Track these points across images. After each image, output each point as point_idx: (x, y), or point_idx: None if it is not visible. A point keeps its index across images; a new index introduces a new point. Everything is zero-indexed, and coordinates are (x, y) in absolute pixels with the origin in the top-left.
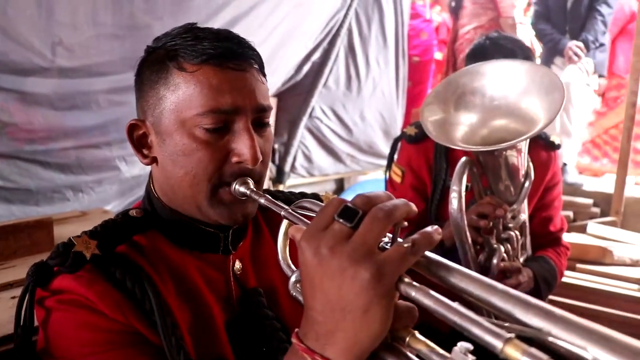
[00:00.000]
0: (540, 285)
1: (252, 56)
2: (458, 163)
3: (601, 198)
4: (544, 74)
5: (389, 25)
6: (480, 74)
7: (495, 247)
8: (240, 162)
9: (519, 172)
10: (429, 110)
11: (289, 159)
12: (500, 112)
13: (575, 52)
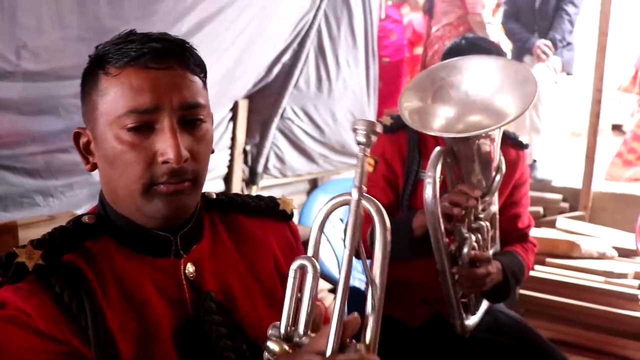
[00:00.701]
0: (509, 278)
1: (180, 55)
2: (433, 152)
3: (570, 193)
4: (517, 69)
5: (358, 26)
6: (457, 69)
7: (467, 236)
8: (166, 162)
9: (491, 164)
10: (407, 98)
11: (262, 160)
12: (475, 107)
13: (543, 51)
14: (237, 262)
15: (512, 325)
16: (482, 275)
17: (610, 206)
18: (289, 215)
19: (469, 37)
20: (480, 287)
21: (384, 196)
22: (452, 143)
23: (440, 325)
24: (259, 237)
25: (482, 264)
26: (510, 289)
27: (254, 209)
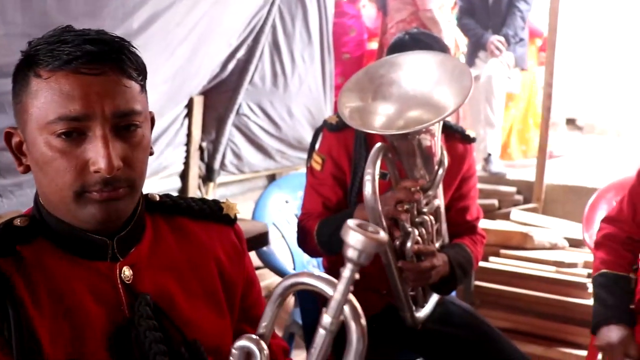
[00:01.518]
0: (456, 270)
1: (115, 59)
2: (372, 149)
3: (524, 186)
4: (455, 65)
5: (312, 22)
6: (397, 65)
7: (410, 231)
8: (98, 171)
9: (433, 159)
10: (346, 97)
11: (218, 156)
12: (415, 102)
13: (496, 47)
14: (179, 265)
15: (463, 316)
16: (426, 268)
17: (561, 198)
18: (232, 220)
19: (412, 32)
20: (426, 280)
21: (333, 194)
22: (393, 139)
23: (392, 317)
24: (203, 240)
25: (426, 257)
26: (458, 281)
27: (197, 212)
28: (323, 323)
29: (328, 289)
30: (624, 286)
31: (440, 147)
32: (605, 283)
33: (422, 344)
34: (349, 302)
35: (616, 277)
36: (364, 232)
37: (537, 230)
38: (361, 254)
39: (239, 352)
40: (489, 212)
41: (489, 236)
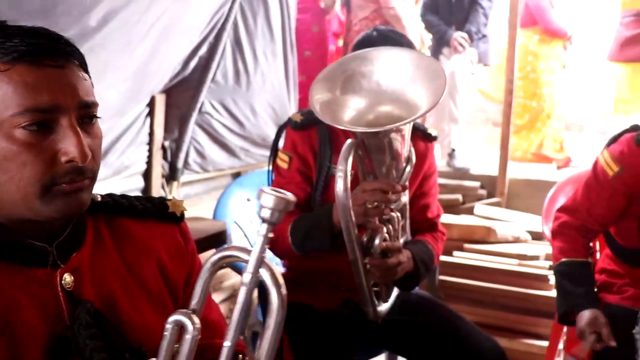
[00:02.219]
0: (419, 266)
1: (71, 52)
2: (344, 145)
3: (487, 181)
4: (429, 63)
5: (274, 19)
6: (369, 60)
7: (378, 228)
8: (70, 161)
9: (401, 156)
10: (317, 91)
11: (181, 155)
12: (386, 98)
13: (460, 43)
14: (121, 269)
15: (421, 303)
16: (393, 265)
17: (524, 192)
18: (178, 218)
19: (380, 29)
20: (392, 277)
21: (301, 191)
22: (362, 135)
23: (351, 311)
24: (145, 241)
25: (393, 253)
26: (421, 277)
27: (141, 211)
28: (243, 280)
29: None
30: (586, 271)
31: (408, 144)
32: (567, 271)
33: (383, 335)
34: (269, 271)
35: (576, 263)
36: (274, 193)
37: (500, 224)
38: (273, 213)
39: (172, 325)
40: (453, 207)
41: (453, 231)
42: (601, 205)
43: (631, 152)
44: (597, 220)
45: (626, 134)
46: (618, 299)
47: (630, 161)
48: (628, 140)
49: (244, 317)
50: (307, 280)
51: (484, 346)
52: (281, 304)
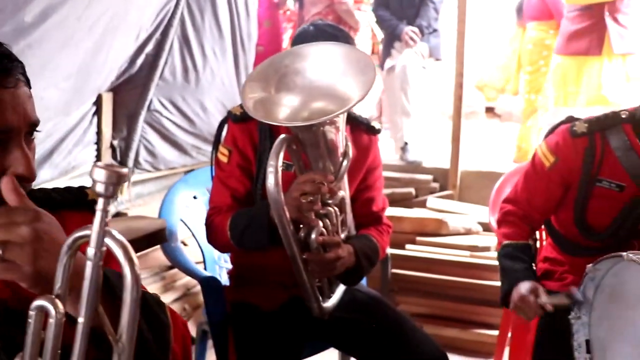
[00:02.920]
0: (362, 260)
1: (19, 69)
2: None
3: (439, 173)
4: (359, 57)
5: (223, 16)
6: (302, 56)
7: (314, 223)
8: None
9: (337, 150)
10: (250, 88)
11: (131, 154)
12: (320, 93)
13: (410, 37)
14: None
15: (368, 302)
16: (331, 259)
17: (476, 184)
18: None
19: (317, 24)
20: (332, 271)
21: (241, 185)
22: (297, 130)
23: (297, 308)
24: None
25: (331, 248)
26: (364, 271)
27: (59, 203)
28: (87, 255)
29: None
30: (526, 251)
31: (344, 139)
32: (509, 253)
33: (330, 333)
34: (122, 248)
35: (517, 245)
36: (106, 166)
37: (452, 216)
38: (108, 187)
39: (36, 312)
40: (406, 200)
41: (405, 224)
42: (539, 196)
43: (566, 143)
44: (537, 210)
45: (562, 126)
46: (558, 286)
47: (565, 152)
48: (563, 131)
49: (93, 292)
50: (253, 277)
51: (426, 347)
52: (135, 280)
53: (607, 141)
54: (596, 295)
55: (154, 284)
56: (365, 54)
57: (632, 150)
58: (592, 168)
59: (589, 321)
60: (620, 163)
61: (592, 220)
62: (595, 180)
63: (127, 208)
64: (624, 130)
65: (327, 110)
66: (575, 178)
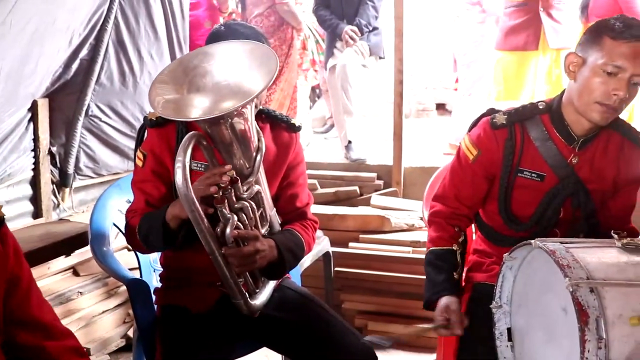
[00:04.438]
0: (284, 254)
1: None
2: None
3: (383, 171)
4: (263, 51)
5: (158, 18)
6: (210, 55)
7: (229, 217)
8: None
9: (250, 145)
10: (160, 89)
11: (71, 160)
12: (228, 91)
13: (350, 36)
14: None
15: (298, 300)
16: (249, 253)
17: (419, 180)
18: None
19: (229, 23)
20: (252, 265)
21: (155, 190)
22: (206, 127)
23: (227, 308)
24: None
25: (249, 241)
26: (287, 265)
27: None
28: None
29: None
30: (448, 259)
31: (256, 133)
32: (432, 260)
33: (260, 332)
34: None
35: (441, 252)
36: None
37: (395, 213)
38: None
39: None
40: (351, 198)
41: (348, 222)
42: (466, 189)
43: (487, 135)
44: (465, 204)
45: (483, 118)
46: (486, 277)
47: (487, 144)
48: (484, 124)
49: None
50: (183, 278)
51: (354, 345)
52: None
53: (526, 132)
54: (515, 283)
55: (96, 290)
56: (269, 49)
57: (549, 140)
58: (513, 159)
59: (509, 309)
60: (539, 153)
61: (517, 210)
62: (517, 170)
63: (70, 215)
64: (542, 121)
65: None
66: (497, 169)
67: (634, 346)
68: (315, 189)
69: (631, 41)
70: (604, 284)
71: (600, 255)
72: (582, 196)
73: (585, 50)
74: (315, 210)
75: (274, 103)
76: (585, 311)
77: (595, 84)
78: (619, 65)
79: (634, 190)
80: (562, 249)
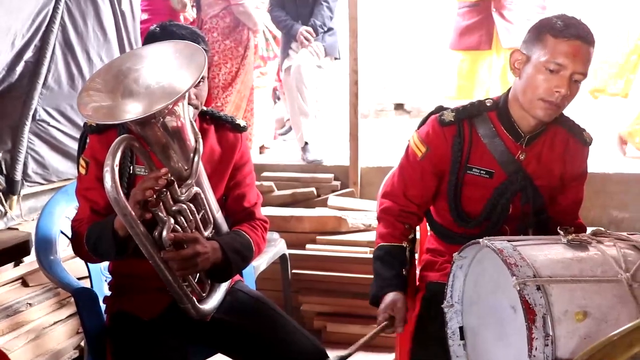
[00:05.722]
0: (230, 255)
1: None
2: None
3: (340, 171)
4: (192, 50)
5: (107, 19)
6: (141, 57)
7: (165, 220)
8: None
9: (186, 147)
10: (90, 95)
11: (19, 167)
12: (161, 93)
13: (305, 37)
14: None
15: (250, 303)
16: (189, 255)
17: (376, 180)
18: None
19: (164, 24)
20: (193, 268)
21: (100, 197)
22: (137, 129)
23: (178, 314)
24: None
25: (188, 244)
26: (234, 267)
27: None
28: None
29: None
30: (397, 255)
31: (193, 134)
32: (381, 256)
33: (212, 337)
34: None
35: (390, 248)
36: None
37: (352, 213)
38: None
39: None
40: (308, 200)
41: (305, 224)
42: (415, 187)
43: (435, 132)
44: (413, 202)
45: (432, 116)
46: (439, 276)
47: (435, 141)
48: (432, 121)
49: None
50: (132, 285)
51: (306, 347)
52: None
53: (474, 129)
54: (466, 282)
55: (46, 300)
56: (197, 47)
57: (497, 137)
58: (461, 156)
59: (461, 308)
60: (488, 150)
61: (466, 207)
62: (466, 168)
63: (19, 223)
64: (490, 118)
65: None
66: (446, 166)
67: (579, 341)
68: (272, 191)
69: (571, 39)
70: (550, 281)
71: (547, 252)
72: (530, 192)
73: (529, 48)
74: (271, 212)
75: (230, 105)
76: (532, 309)
77: (539, 81)
78: (560, 63)
79: (580, 186)
80: (510, 247)
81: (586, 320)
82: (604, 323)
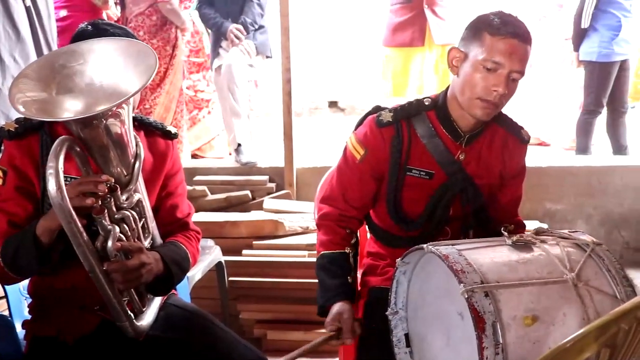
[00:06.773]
0: (171, 267)
1: None
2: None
3: (275, 173)
4: (139, 48)
5: (20, 17)
6: (79, 54)
7: (110, 228)
8: None
9: (127, 151)
10: (22, 87)
11: None
12: (103, 93)
13: (236, 35)
14: None
15: (185, 317)
16: (135, 266)
17: (312, 181)
18: None
19: (96, 23)
20: (138, 280)
21: (20, 209)
22: (78, 130)
23: (108, 333)
24: None
25: (133, 255)
26: (175, 279)
27: None
28: None
29: None
30: (341, 263)
31: (134, 138)
32: (324, 265)
33: (146, 355)
34: None
35: (333, 255)
36: None
37: (289, 216)
38: None
39: None
40: (243, 203)
41: (241, 229)
42: (353, 190)
43: (373, 134)
44: (353, 205)
45: (369, 116)
46: (380, 281)
47: (373, 143)
48: (370, 121)
49: None
50: (55, 305)
51: (247, 357)
52: None
53: (413, 129)
54: (410, 288)
55: None
56: (146, 45)
57: (436, 136)
58: (400, 157)
59: (406, 315)
60: (427, 150)
61: (407, 209)
62: (406, 169)
63: None
64: (428, 117)
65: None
66: (385, 168)
67: (529, 347)
68: (205, 195)
69: (507, 37)
70: (498, 286)
71: (492, 256)
72: (470, 192)
73: (467, 45)
74: (205, 217)
75: (159, 107)
76: (482, 317)
77: (476, 80)
78: (498, 62)
79: (519, 184)
80: (455, 252)
81: (535, 324)
82: (552, 326)
